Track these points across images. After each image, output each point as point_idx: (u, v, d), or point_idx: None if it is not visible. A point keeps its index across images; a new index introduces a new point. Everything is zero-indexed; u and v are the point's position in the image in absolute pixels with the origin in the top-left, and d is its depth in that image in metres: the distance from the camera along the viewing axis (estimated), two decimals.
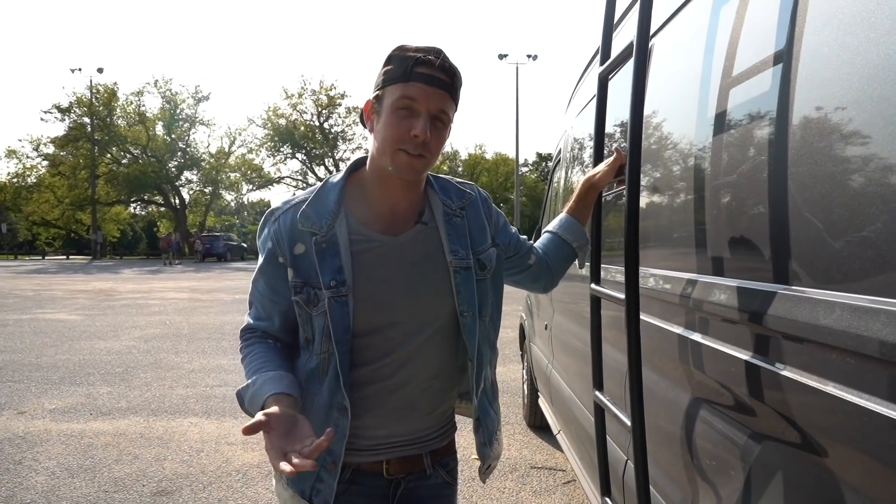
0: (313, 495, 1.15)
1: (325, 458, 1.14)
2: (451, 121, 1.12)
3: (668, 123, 1.43)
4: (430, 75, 1.06)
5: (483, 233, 1.24)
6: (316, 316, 1.12)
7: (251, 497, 3.06)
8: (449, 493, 1.28)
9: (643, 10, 1.17)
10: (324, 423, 1.12)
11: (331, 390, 1.13)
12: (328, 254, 1.11)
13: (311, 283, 1.11)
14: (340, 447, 1.13)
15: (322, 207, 1.14)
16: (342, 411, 1.12)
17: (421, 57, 1.07)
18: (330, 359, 1.12)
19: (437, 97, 1.07)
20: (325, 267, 1.10)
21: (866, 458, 0.70)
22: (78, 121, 34.92)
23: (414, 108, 1.06)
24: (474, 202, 1.25)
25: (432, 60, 1.06)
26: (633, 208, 1.18)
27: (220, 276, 19.71)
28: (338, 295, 1.10)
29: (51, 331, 8.11)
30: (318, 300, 1.11)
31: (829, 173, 0.78)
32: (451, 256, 1.17)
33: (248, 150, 38.81)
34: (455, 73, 1.10)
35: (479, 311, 1.20)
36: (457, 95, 1.12)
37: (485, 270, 1.22)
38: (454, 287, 1.17)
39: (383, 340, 1.14)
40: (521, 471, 3.47)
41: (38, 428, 4.10)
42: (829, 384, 0.75)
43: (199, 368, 5.94)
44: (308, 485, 1.16)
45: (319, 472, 1.15)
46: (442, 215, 1.19)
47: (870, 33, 0.72)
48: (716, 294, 1.06)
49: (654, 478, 1.30)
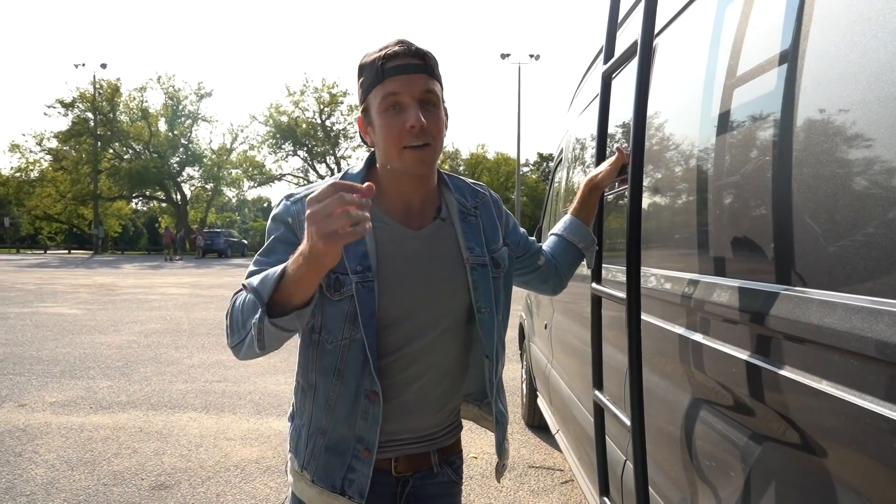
0: (346, 486, 1.12)
1: (357, 447, 1.12)
2: (441, 98, 1.12)
3: (671, 123, 1.43)
4: (402, 65, 1.06)
5: (496, 232, 1.24)
6: (336, 302, 1.09)
7: (249, 492, 3.06)
8: (455, 491, 1.29)
9: (648, 9, 1.17)
10: (350, 413, 1.11)
11: (356, 378, 1.11)
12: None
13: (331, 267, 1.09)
14: (374, 434, 1.11)
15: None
16: (372, 397, 1.10)
17: (387, 53, 1.06)
18: (351, 346, 1.10)
19: (416, 82, 1.06)
20: (350, 252, 1.08)
21: (867, 460, 0.70)
22: (81, 116, 34.96)
23: (399, 102, 1.06)
24: (487, 202, 1.26)
25: (398, 51, 1.06)
26: (635, 208, 1.17)
27: (221, 272, 19.72)
28: (365, 280, 1.08)
29: (52, 324, 8.12)
30: (340, 285, 1.08)
31: (832, 174, 0.78)
32: (468, 253, 1.17)
33: (250, 147, 38.90)
34: (425, 53, 1.09)
35: (494, 308, 1.20)
36: (436, 73, 1.10)
37: (499, 269, 1.22)
38: (471, 283, 1.17)
39: (399, 334, 1.13)
40: (519, 470, 3.47)
41: (39, 420, 4.11)
42: (830, 385, 0.75)
43: (199, 364, 5.95)
44: (339, 476, 1.13)
45: (350, 462, 1.12)
46: (457, 213, 1.20)
47: (876, 33, 0.71)
48: (717, 294, 1.06)
49: (653, 478, 1.30)
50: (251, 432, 3.90)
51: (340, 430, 1.13)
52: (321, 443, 1.15)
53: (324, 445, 1.15)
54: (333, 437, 1.14)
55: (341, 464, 1.13)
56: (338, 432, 1.13)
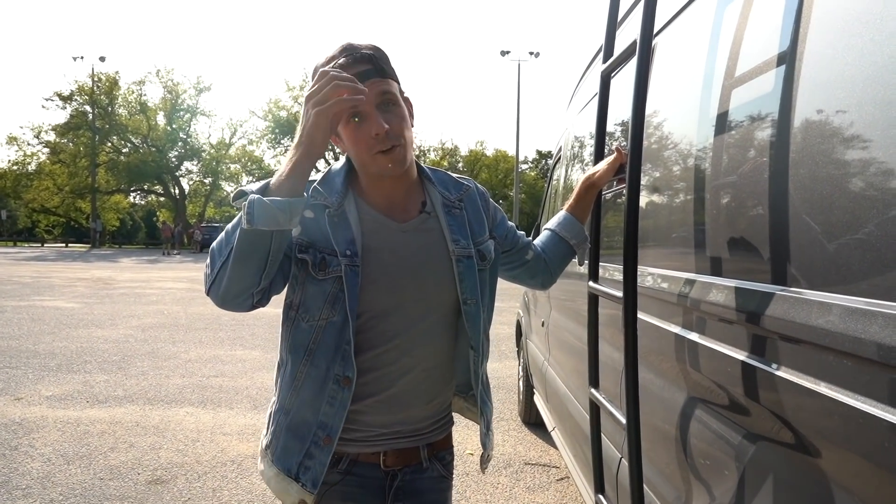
0: (300, 472, 1.12)
1: (319, 433, 1.12)
2: (398, 95, 1.12)
3: (669, 123, 1.43)
4: (352, 75, 1.05)
5: (482, 225, 1.25)
6: (319, 281, 1.10)
7: (245, 487, 3.07)
8: (444, 486, 1.29)
9: (647, 9, 1.17)
10: (318, 397, 1.12)
11: (327, 360, 1.11)
12: (340, 227, 1.11)
13: (317, 246, 1.10)
14: (338, 420, 1.11)
15: (331, 186, 1.15)
16: (343, 382, 1.11)
17: (334, 65, 1.06)
18: (327, 327, 1.11)
19: (370, 88, 1.06)
20: (339, 237, 1.10)
21: (861, 460, 0.71)
22: (79, 109, 34.81)
23: (359, 112, 1.07)
24: (472, 195, 1.27)
25: (345, 62, 1.06)
26: (632, 207, 1.18)
27: None
28: (353, 265, 1.10)
29: (49, 318, 8.11)
30: (326, 265, 1.10)
31: (828, 175, 0.78)
32: (453, 245, 1.18)
33: (249, 142, 38.79)
34: (371, 55, 1.09)
35: (480, 300, 1.21)
36: (387, 71, 1.10)
37: (485, 261, 1.23)
38: (457, 275, 1.18)
39: (388, 325, 1.14)
40: (515, 467, 3.48)
41: (35, 414, 4.11)
42: (824, 386, 0.75)
43: (196, 358, 5.95)
44: (295, 461, 1.12)
45: (309, 448, 1.12)
46: (441, 207, 1.21)
47: (874, 35, 0.72)
48: (713, 294, 1.06)
49: (647, 476, 1.31)
50: (248, 427, 3.91)
51: (304, 413, 1.13)
52: (283, 422, 1.16)
53: (285, 425, 1.15)
54: (296, 420, 1.14)
55: (300, 448, 1.13)
56: (301, 415, 1.14)
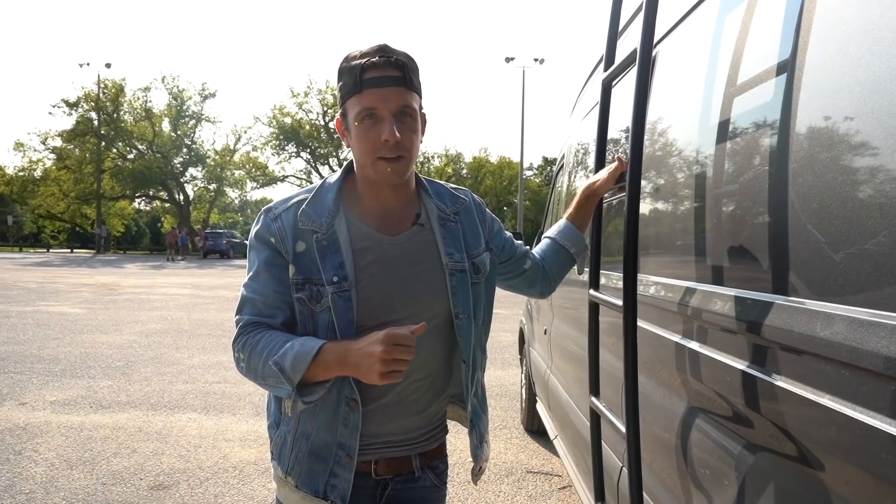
0: (328, 491, 1.15)
1: (339, 453, 1.15)
2: (418, 111, 1.12)
3: (670, 131, 1.43)
4: (380, 77, 1.06)
5: (477, 237, 1.25)
6: (319, 312, 1.12)
7: (247, 493, 3.07)
8: (437, 496, 1.29)
9: (647, 17, 1.18)
10: (332, 420, 1.14)
11: (337, 385, 1.13)
12: (329, 251, 1.12)
13: (312, 279, 1.12)
14: (354, 440, 1.14)
15: (321, 206, 1.15)
16: (352, 405, 1.13)
17: (366, 62, 1.06)
18: None
19: (393, 95, 1.06)
20: (326, 264, 1.11)
21: (861, 472, 0.70)
22: (85, 115, 35.02)
23: (376, 115, 1.07)
24: (468, 207, 1.26)
25: (378, 62, 1.06)
26: (632, 216, 1.18)
27: (223, 272, 19.74)
28: (341, 290, 1.10)
29: (53, 323, 8.13)
30: (320, 296, 1.11)
31: (830, 184, 0.78)
32: (447, 259, 1.18)
33: (253, 148, 38.96)
34: (404, 64, 1.09)
35: (473, 314, 1.21)
36: (414, 84, 1.10)
37: (479, 274, 1.23)
38: (450, 289, 1.18)
39: None
40: (517, 475, 3.46)
41: (39, 419, 4.12)
42: (825, 396, 0.75)
43: (199, 364, 5.95)
44: (322, 481, 1.15)
45: (332, 468, 1.15)
46: (437, 219, 1.20)
47: (875, 43, 0.72)
48: (714, 303, 1.06)
49: (648, 485, 1.30)
50: (250, 434, 3.90)
51: (323, 436, 1.15)
52: (305, 448, 1.17)
53: (307, 450, 1.17)
54: (317, 443, 1.16)
55: (324, 469, 1.15)
56: (321, 438, 1.16)
